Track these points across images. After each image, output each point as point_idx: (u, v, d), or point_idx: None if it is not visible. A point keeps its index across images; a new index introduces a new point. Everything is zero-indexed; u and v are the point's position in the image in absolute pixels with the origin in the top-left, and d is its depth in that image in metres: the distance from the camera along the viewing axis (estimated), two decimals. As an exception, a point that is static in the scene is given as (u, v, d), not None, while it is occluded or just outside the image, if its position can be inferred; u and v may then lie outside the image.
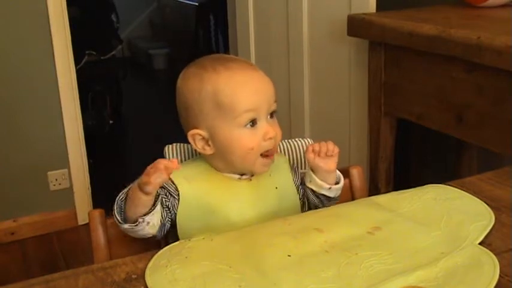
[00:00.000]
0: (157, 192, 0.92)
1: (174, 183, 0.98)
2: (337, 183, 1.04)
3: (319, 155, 1.00)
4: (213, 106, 0.95)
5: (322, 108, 2.33)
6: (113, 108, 3.98)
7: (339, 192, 1.05)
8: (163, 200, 0.96)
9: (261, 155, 0.98)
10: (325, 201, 1.04)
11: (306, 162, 1.05)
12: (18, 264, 2.40)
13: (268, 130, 0.97)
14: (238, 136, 0.96)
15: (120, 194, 0.94)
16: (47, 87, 2.49)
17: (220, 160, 0.99)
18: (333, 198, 1.04)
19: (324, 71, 2.27)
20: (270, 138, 0.97)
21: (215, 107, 0.95)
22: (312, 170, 1.02)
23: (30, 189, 2.57)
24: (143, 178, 0.87)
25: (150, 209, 0.91)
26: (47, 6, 2.40)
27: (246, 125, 0.96)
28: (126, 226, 0.92)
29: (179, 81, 1.01)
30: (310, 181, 1.03)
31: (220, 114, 0.95)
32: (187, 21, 5.49)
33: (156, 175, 0.85)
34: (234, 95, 0.95)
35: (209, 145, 0.98)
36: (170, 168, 0.85)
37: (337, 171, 1.04)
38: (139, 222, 0.91)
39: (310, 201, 1.05)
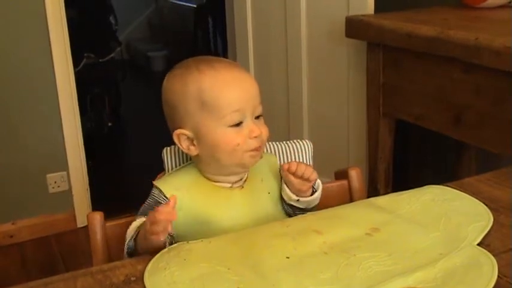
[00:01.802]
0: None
1: (166, 197, 0.97)
2: (314, 192, 1.02)
3: (293, 175, 0.98)
4: (197, 105, 0.95)
5: (320, 109, 2.33)
6: (112, 110, 3.98)
7: (312, 204, 1.03)
8: None
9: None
10: (297, 211, 1.02)
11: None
12: (17, 267, 2.39)
13: (253, 128, 0.96)
14: (224, 134, 0.95)
15: (128, 236, 0.92)
16: (45, 90, 2.49)
17: (208, 162, 0.98)
18: (305, 209, 1.02)
19: (322, 72, 2.27)
20: (256, 137, 0.96)
21: (200, 107, 0.95)
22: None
23: (29, 191, 2.56)
24: (152, 237, 0.84)
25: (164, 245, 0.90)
26: (45, 9, 2.40)
27: (231, 125, 0.95)
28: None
29: (164, 82, 1.00)
30: (282, 190, 1.02)
31: (206, 113, 0.95)
32: (186, 23, 5.50)
33: (161, 230, 0.83)
34: (219, 94, 0.94)
35: (194, 145, 0.97)
36: (171, 216, 0.84)
37: (317, 180, 1.02)
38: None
39: (285, 210, 1.03)
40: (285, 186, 1.01)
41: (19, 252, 2.49)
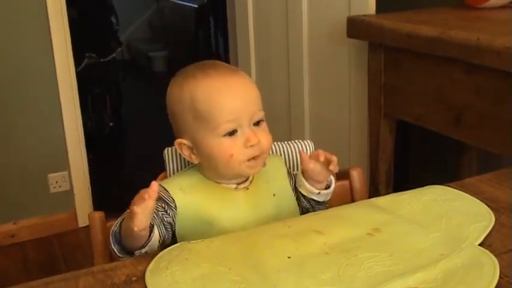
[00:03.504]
0: (151, 222, 0.88)
1: (170, 195, 0.97)
2: (328, 186, 1.03)
3: (318, 161, 0.97)
4: (192, 115, 0.94)
5: (322, 109, 2.33)
6: (113, 110, 3.98)
7: (329, 196, 1.04)
8: (164, 217, 0.95)
9: (248, 160, 0.95)
10: (315, 205, 1.03)
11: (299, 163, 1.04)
12: (18, 267, 2.39)
13: (249, 137, 0.94)
14: (218, 144, 0.93)
15: (114, 226, 0.92)
16: (47, 90, 2.49)
17: (209, 169, 0.98)
18: (323, 202, 1.03)
19: (323, 72, 2.27)
20: (252, 146, 0.94)
21: (194, 117, 0.94)
22: (303, 174, 1.02)
23: (31, 191, 2.57)
24: (131, 214, 0.82)
25: (147, 241, 0.89)
26: (47, 9, 2.40)
27: (225, 135, 0.93)
28: (125, 259, 0.90)
29: (167, 90, 1.00)
30: (300, 185, 1.02)
31: (200, 123, 0.94)
32: (187, 23, 5.50)
33: (142, 206, 0.81)
34: (211, 104, 0.92)
35: (194, 153, 0.97)
36: (152, 194, 0.82)
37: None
38: (136, 256, 0.90)
39: (302, 205, 1.04)
40: (303, 180, 1.01)
41: (20, 252, 2.50)
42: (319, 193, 1.01)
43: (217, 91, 0.93)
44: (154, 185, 0.83)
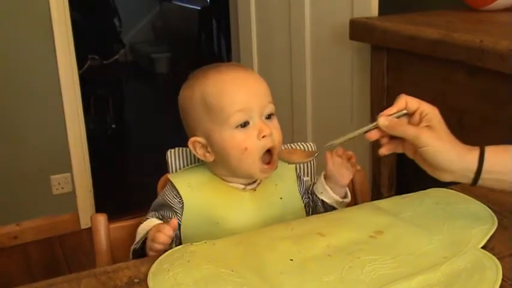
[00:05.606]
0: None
1: (179, 193, 0.97)
2: (345, 196, 1.04)
3: (341, 157, 1.00)
4: (203, 110, 0.95)
5: (324, 112, 2.33)
6: (116, 112, 3.99)
7: (343, 206, 1.05)
8: None
9: (262, 161, 0.96)
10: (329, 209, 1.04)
11: (314, 169, 1.04)
12: (21, 268, 2.40)
13: (262, 128, 0.94)
14: (231, 137, 0.94)
15: (136, 244, 0.93)
16: (49, 91, 2.50)
17: (221, 166, 0.98)
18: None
19: (326, 75, 2.27)
20: (265, 137, 0.94)
21: (205, 110, 0.95)
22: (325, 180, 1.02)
23: (33, 193, 2.57)
24: (154, 246, 0.87)
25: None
26: (50, 10, 2.41)
27: (237, 126, 0.94)
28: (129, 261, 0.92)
29: (180, 93, 1.01)
30: (322, 192, 1.03)
31: (211, 116, 0.94)
32: (190, 25, 5.51)
33: (163, 243, 0.87)
34: (221, 94, 0.93)
35: (209, 151, 0.97)
36: (171, 233, 0.87)
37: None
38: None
39: (318, 212, 1.04)
40: (327, 187, 1.02)
41: (23, 254, 2.50)
42: (342, 202, 1.02)
43: (227, 83, 0.95)
44: (174, 222, 0.88)
